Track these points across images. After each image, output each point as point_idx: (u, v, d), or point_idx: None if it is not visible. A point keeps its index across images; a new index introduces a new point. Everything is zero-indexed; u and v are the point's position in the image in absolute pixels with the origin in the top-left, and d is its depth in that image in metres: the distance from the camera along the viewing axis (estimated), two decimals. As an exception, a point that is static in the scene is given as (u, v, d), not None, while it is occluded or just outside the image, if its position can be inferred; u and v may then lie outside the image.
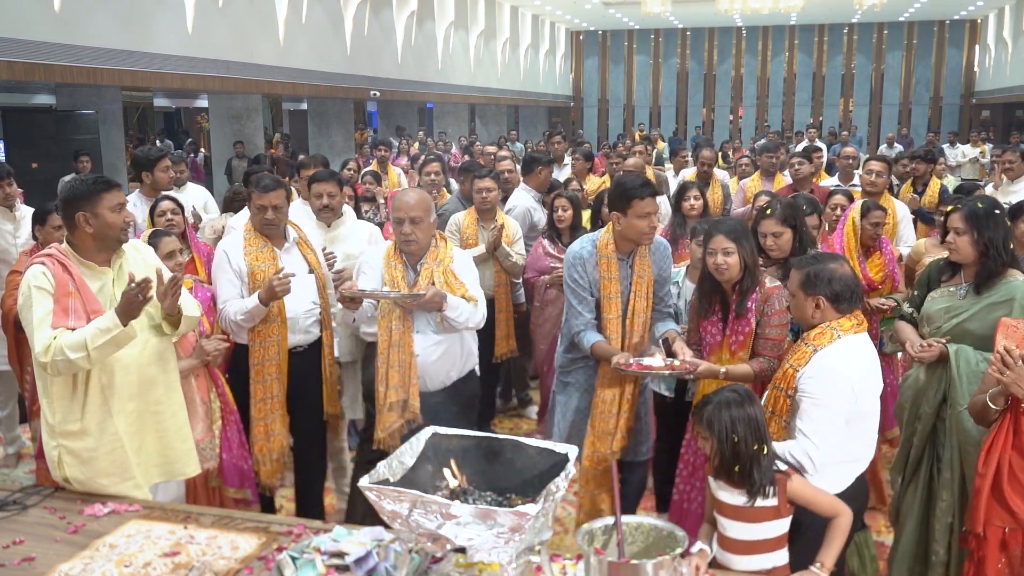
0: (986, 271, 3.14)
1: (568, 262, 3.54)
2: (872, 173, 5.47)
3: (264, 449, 3.75)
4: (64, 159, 11.04)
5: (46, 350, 2.68)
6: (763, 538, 2.47)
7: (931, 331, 3.26)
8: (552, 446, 2.20)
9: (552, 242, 5.06)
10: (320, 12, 14.80)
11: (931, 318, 3.28)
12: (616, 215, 3.43)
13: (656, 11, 20.18)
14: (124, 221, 2.89)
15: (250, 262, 3.72)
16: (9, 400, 5.26)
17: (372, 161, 10.09)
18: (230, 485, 3.62)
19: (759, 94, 28.91)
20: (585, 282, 3.48)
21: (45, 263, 2.79)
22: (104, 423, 2.82)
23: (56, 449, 2.82)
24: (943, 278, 3.32)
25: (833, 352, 2.66)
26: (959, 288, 3.23)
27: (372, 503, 1.99)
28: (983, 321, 3.10)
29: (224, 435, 3.60)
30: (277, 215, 3.76)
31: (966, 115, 26.68)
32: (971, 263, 3.18)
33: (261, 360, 3.72)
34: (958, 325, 3.18)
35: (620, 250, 3.49)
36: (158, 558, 2.35)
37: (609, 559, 1.98)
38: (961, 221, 3.15)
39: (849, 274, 2.75)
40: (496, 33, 23.23)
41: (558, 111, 29.78)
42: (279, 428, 3.79)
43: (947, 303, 3.24)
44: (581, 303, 3.48)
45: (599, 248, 3.48)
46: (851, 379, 2.63)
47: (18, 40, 8.79)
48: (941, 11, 24.99)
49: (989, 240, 3.11)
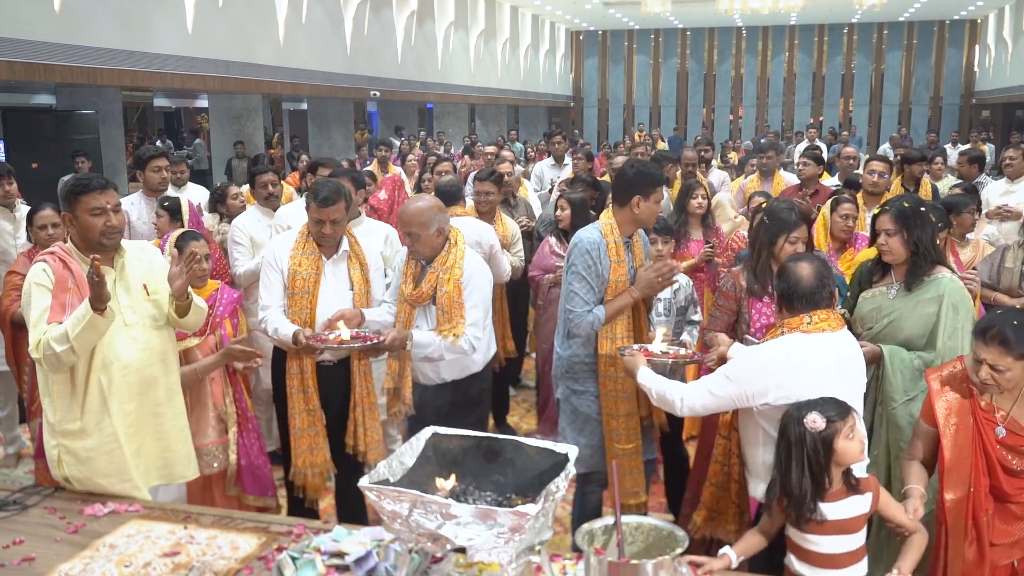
0: (916, 269, 3.19)
1: (581, 249, 3.45)
2: (874, 173, 5.47)
3: (307, 462, 3.63)
4: (64, 159, 11.05)
5: (36, 345, 2.70)
6: (859, 546, 2.43)
7: (864, 331, 3.29)
8: (552, 446, 2.20)
9: (559, 240, 5.05)
10: (320, 12, 14.80)
11: (864, 319, 3.31)
12: (638, 199, 3.42)
13: (656, 11, 20.16)
14: (107, 224, 2.79)
15: (292, 266, 3.60)
16: (8, 400, 5.26)
17: (371, 161, 10.09)
18: (250, 493, 3.56)
19: (759, 94, 28.91)
20: (597, 269, 3.45)
21: (47, 260, 2.80)
22: (102, 423, 2.81)
23: (56, 448, 2.83)
24: (873, 279, 3.35)
25: (766, 345, 2.69)
26: (890, 288, 3.27)
27: (372, 503, 1.99)
28: (914, 319, 3.17)
29: (241, 441, 3.54)
30: (335, 229, 3.58)
31: (966, 115, 26.68)
32: (902, 262, 3.23)
33: (300, 371, 3.62)
34: (890, 324, 3.22)
35: (623, 235, 3.51)
36: (158, 558, 2.35)
37: (609, 559, 1.98)
38: (891, 222, 3.19)
39: (803, 276, 2.66)
40: (496, 33, 23.23)
41: (558, 111, 29.78)
42: (322, 441, 3.66)
43: (878, 303, 3.28)
44: (589, 291, 3.44)
45: (605, 234, 3.46)
46: (771, 370, 2.59)
47: (18, 40, 8.79)
48: (941, 11, 24.98)
49: (918, 239, 3.17)
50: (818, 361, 2.60)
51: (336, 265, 3.67)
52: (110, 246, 2.83)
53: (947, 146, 15.75)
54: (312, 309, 3.59)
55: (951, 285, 3.15)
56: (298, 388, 3.62)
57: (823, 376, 2.57)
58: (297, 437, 3.62)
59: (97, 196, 2.78)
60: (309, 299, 3.59)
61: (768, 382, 2.59)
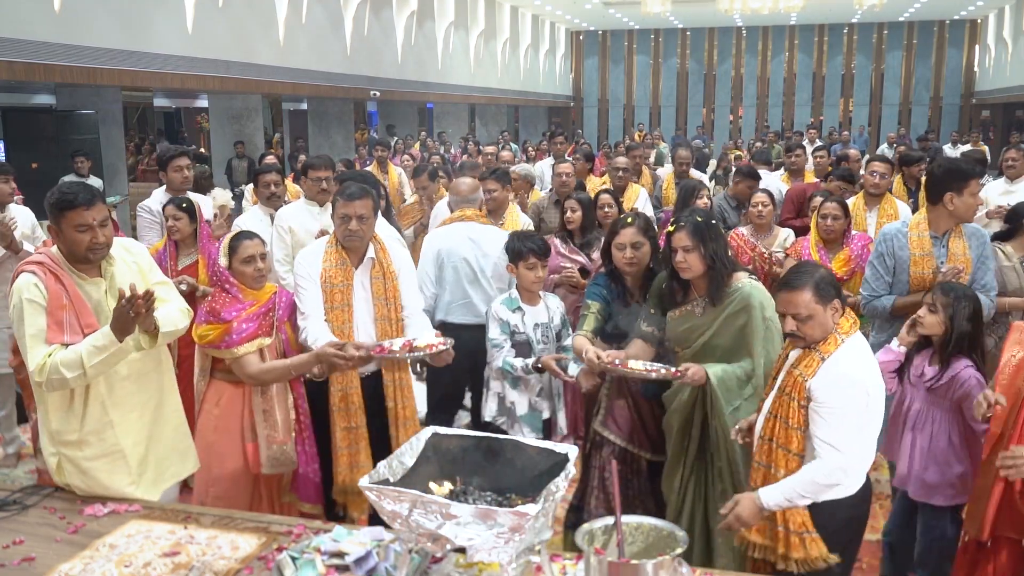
0: (715, 282, 3.14)
1: (880, 237, 3.83)
2: (875, 174, 5.48)
3: (348, 480, 3.50)
4: (64, 159, 11.02)
5: (40, 369, 2.59)
6: None
7: (683, 352, 3.26)
8: (552, 446, 2.20)
9: (564, 242, 5.00)
10: (320, 12, 14.80)
11: (678, 339, 3.28)
12: (951, 195, 3.63)
13: (656, 11, 20.18)
14: (93, 242, 2.67)
15: (327, 277, 3.47)
16: (8, 400, 5.26)
17: (371, 162, 10.09)
18: (305, 500, 3.48)
19: (759, 94, 28.92)
20: (889, 259, 3.73)
21: (36, 272, 2.67)
22: (104, 434, 2.77)
23: (55, 456, 2.79)
24: (678, 299, 3.28)
25: (842, 358, 2.61)
26: (695, 305, 3.23)
27: (372, 503, 1.99)
28: (727, 333, 3.15)
29: (300, 448, 3.45)
30: (362, 226, 3.43)
31: (966, 115, 26.68)
32: (700, 276, 3.18)
33: (343, 387, 3.50)
34: (707, 342, 3.19)
35: (934, 229, 3.71)
36: (158, 558, 2.35)
37: (609, 559, 1.98)
38: (688, 238, 3.12)
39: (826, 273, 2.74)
40: (496, 33, 23.23)
41: (558, 111, 29.78)
42: (364, 459, 3.51)
43: (689, 323, 3.23)
44: (878, 278, 3.79)
45: (911, 227, 3.74)
46: (863, 382, 2.60)
47: (18, 40, 8.79)
48: (941, 11, 24.99)
49: (714, 252, 3.12)
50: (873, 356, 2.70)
51: (363, 274, 3.54)
52: (96, 260, 2.75)
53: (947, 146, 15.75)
54: (350, 322, 3.48)
55: (753, 290, 3.14)
56: (340, 405, 3.51)
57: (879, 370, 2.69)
58: (338, 455, 3.51)
59: (83, 212, 2.65)
60: (348, 312, 3.48)
61: (868, 390, 2.60)
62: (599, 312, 3.57)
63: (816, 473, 2.58)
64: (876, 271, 3.80)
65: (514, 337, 3.80)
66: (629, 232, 3.50)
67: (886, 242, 3.77)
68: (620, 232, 3.52)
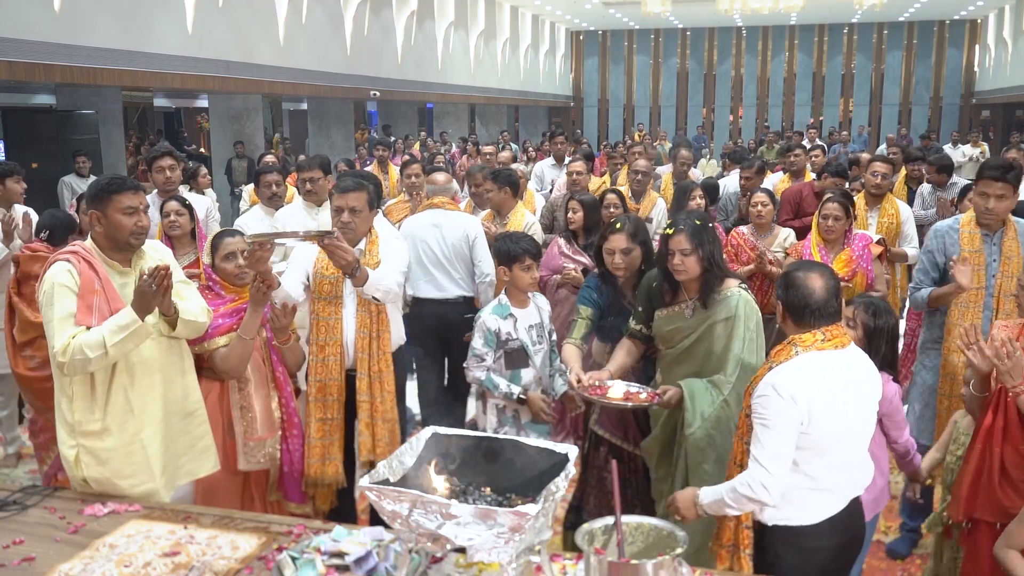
0: (710, 285, 3.16)
1: (931, 232, 3.97)
2: (877, 175, 5.48)
3: (318, 472, 3.51)
4: (64, 159, 11.03)
5: (64, 349, 2.65)
6: None
7: (667, 351, 3.29)
8: (552, 446, 2.20)
9: (568, 242, 4.99)
10: (320, 12, 14.80)
11: (664, 338, 3.30)
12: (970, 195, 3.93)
13: (656, 11, 20.18)
14: (137, 225, 2.81)
15: (319, 269, 3.57)
16: (9, 400, 5.26)
17: (371, 162, 10.09)
18: (291, 500, 3.49)
19: (759, 94, 28.90)
20: (937, 254, 3.86)
21: (71, 260, 2.77)
22: (126, 423, 2.81)
23: (74, 448, 2.81)
24: (666, 299, 3.29)
25: (785, 370, 2.43)
26: (685, 306, 3.24)
27: (372, 503, 1.99)
28: (712, 338, 3.17)
29: (285, 447, 3.44)
30: (355, 218, 3.51)
31: (966, 115, 26.68)
32: (694, 279, 3.19)
33: (323, 378, 3.56)
34: (692, 344, 3.21)
35: (985, 227, 3.80)
36: (158, 558, 2.35)
37: (609, 559, 1.98)
38: (687, 241, 3.11)
39: (817, 288, 2.46)
40: (496, 33, 23.22)
41: (558, 111, 29.77)
42: (336, 452, 3.56)
43: (676, 324, 3.25)
44: (925, 272, 3.92)
45: (963, 223, 3.85)
46: (799, 400, 2.38)
47: (18, 40, 8.80)
48: (941, 11, 24.98)
49: (710, 254, 3.14)
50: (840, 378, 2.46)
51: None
52: (137, 246, 2.86)
53: (947, 146, 15.75)
54: (337, 313, 3.56)
55: (740, 299, 3.15)
56: (317, 396, 3.54)
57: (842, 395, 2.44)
58: (311, 447, 3.52)
59: (131, 196, 2.80)
60: (336, 305, 3.55)
61: (807, 410, 2.40)
62: (590, 318, 3.64)
63: (737, 481, 2.48)
64: (924, 266, 3.96)
65: (507, 345, 3.67)
66: (618, 238, 3.53)
67: (936, 239, 3.90)
68: (609, 238, 3.56)
